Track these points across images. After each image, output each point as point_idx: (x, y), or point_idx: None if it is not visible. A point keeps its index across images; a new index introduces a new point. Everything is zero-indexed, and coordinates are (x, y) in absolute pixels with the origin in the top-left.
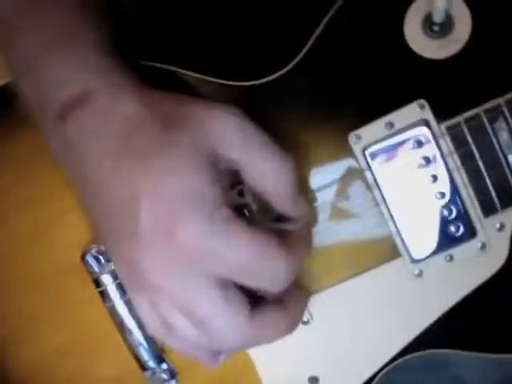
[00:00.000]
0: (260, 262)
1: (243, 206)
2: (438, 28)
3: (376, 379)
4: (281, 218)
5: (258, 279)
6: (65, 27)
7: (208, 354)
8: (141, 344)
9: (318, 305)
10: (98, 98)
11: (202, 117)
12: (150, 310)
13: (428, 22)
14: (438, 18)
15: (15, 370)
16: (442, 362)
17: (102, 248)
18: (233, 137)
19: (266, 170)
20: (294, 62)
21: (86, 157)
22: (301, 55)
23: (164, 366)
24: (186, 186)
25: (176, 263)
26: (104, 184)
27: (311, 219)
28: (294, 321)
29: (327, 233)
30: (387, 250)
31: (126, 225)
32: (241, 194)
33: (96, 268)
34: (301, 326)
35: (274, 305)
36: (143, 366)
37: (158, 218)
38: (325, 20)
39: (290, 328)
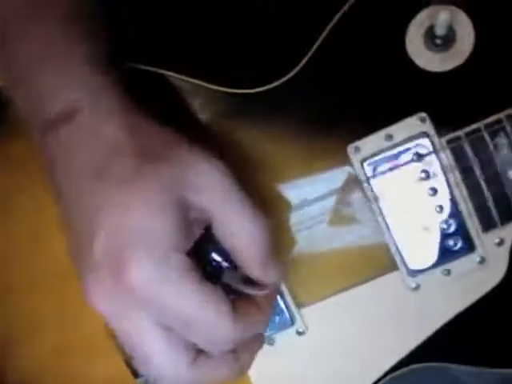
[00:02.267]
0: (202, 321)
1: (212, 260)
2: (441, 41)
3: None
4: (249, 281)
5: (197, 337)
6: (57, 42)
7: None
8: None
9: (314, 316)
10: (83, 118)
11: (184, 161)
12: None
13: (430, 35)
14: (440, 31)
15: (14, 370)
16: (442, 371)
17: None
18: (210, 189)
19: (238, 230)
20: (295, 71)
21: (60, 174)
22: (301, 65)
23: None
24: (145, 225)
25: (119, 299)
26: (71, 205)
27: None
28: (243, 367)
29: (326, 238)
30: (384, 262)
31: (82, 249)
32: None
33: None
34: (296, 337)
35: (225, 352)
36: (135, 374)
37: (109, 252)
38: (325, 31)
39: (236, 374)
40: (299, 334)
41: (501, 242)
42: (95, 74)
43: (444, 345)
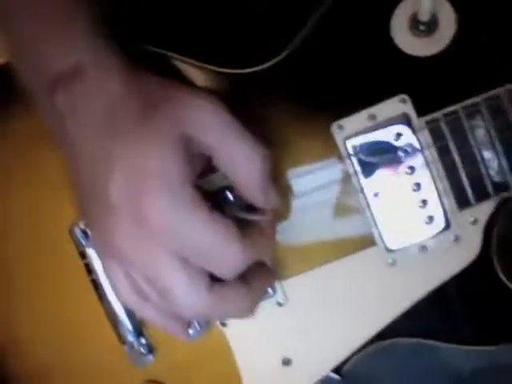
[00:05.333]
0: (214, 248)
1: (216, 191)
2: (424, 27)
3: (348, 364)
4: (251, 208)
5: (210, 263)
6: (60, 8)
7: (177, 326)
8: (121, 317)
9: (294, 288)
10: (88, 74)
11: (183, 99)
12: (122, 277)
13: (414, 21)
14: (423, 17)
15: (6, 343)
16: (431, 346)
17: None
18: (208, 122)
19: (237, 158)
20: (284, 53)
21: (71, 128)
22: (290, 47)
23: (143, 340)
24: (156, 161)
25: (139, 234)
26: (84, 155)
27: (281, 212)
28: (255, 299)
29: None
30: (363, 238)
31: (99, 196)
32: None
33: (83, 241)
34: (276, 308)
35: (235, 281)
36: (122, 340)
37: (126, 191)
38: (315, 16)
39: (250, 305)
40: (279, 305)
41: (475, 221)
42: (96, 37)
43: (417, 320)
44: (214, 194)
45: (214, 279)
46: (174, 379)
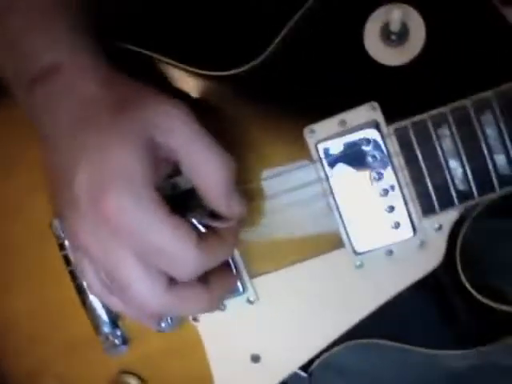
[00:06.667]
0: (169, 250)
1: (179, 194)
2: (395, 37)
3: (315, 364)
4: (213, 215)
5: (166, 265)
6: (43, 7)
7: (146, 318)
8: (97, 308)
9: (265, 286)
10: (65, 74)
11: (151, 104)
12: (90, 270)
13: (386, 31)
14: (394, 27)
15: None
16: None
17: None
18: (176, 129)
19: (203, 165)
20: (260, 58)
21: (47, 123)
22: (266, 52)
23: (118, 331)
24: (121, 161)
25: (99, 229)
26: (56, 150)
27: (254, 211)
28: (215, 299)
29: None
30: (334, 240)
31: (66, 189)
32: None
33: (61, 233)
34: (247, 305)
35: (194, 282)
36: (98, 330)
37: (89, 188)
38: (291, 22)
39: (209, 305)
40: (250, 302)
41: (440, 228)
42: (75, 37)
43: (381, 323)
44: (176, 198)
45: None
46: (148, 370)
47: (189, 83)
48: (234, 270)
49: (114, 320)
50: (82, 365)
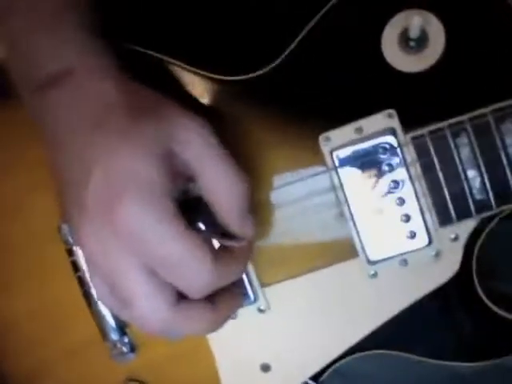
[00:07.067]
0: (184, 264)
1: (196, 213)
2: (414, 43)
3: (326, 374)
4: (227, 234)
5: (178, 279)
6: (53, 8)
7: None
8: (105, 315)
9: (277, 295)
10: (78, 78)
11: (171, 117)
12: (99, 280)
13: (404, 37)
14: (413, 33)
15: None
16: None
17: None
18: (194, 143)
19: (218, 183)
20: (277, 62)
21: (58, 128)
22: (283, 56)
23: (125, 338)
24: (138, 170)
25: (108, 237)
26: (71, 155)
27: (266, 219)
28: (220, 320)
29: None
30: (346, 249)
31: (78, 193)
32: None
33: (70, 239)
34: (257, 314)
35: (201, 301)
36: (106, 337)
37: (103, 191)
38: (308, 27)
39: (215, 326)
40: (260, 311)
41: (456, 238)
42: (91, 39)
43: (398, 334)
44: (187, 203)
45: (181, 296)
46: (155, 378)
47: (199, 87)
48: (246, 279)
49: (122, 327)
50: (86, 369)
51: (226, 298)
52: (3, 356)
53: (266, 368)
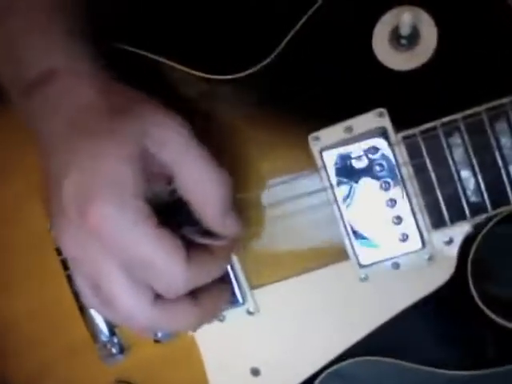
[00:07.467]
0: (156, 264)
1: (173, 210)
2: (405, 41)
3: (319, 378)
4: (208, 234)
5: (152, 279)
6: (40, 13)
7: (139, 330)
8: (95, 316)
9: (266, 297)
10: (61, 80)
11: (148, 117)
12: (82, 282)
13: (396, 35)
14: (404, 31)
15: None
16: None
17: None
18: (170, 142)
19: (198, 181)
20: (264, 62)
21: (43, 130)
22: (271, 56)
23: (115, 339)
24: (111, 170)
25: (85, 239)
26: (50, 155)
27: (256, 221)
28: (206, 315)
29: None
30: (338, 250)
31: (56, 195)
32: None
33: None
34: (246, 316)
35: (184, 297)
36: (95, 338)
37: (77, 192)
38: (297, 26)
39: (200, 321)
40: (249, 313)
41: (450, 241)
42: (71, 42)
43: (391, 341)
44: (173, 205)
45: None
46: (144, 379)
47: (189, 86)
48: (234, 280)
49: (111, 328)
50: (82, 369)
51: (210, 293)
52: (3, 356)
53: (255, 372)
